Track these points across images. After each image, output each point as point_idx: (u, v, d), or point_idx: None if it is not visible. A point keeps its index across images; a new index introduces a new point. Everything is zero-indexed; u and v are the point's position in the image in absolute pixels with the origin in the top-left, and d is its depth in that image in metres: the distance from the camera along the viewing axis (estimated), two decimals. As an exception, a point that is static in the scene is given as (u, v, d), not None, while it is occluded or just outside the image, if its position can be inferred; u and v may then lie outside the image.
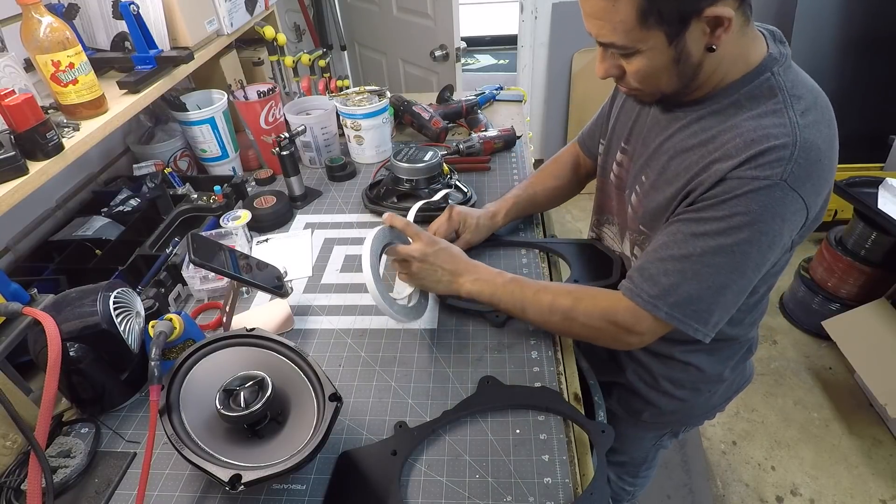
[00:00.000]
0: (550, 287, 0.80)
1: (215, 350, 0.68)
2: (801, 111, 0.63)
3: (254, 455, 0.61)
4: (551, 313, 0.77)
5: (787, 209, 0.62)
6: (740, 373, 0.96)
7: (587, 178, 1.07)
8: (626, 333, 0.73)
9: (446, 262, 0.82)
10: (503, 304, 0.81)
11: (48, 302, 0.72)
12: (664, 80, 0.65)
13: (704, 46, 0.61)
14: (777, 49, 0.67)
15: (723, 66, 0.65)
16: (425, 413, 0.74)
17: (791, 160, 0.61)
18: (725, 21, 0.58)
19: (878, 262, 1.87)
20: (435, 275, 0.82)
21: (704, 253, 0.65)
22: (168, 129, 1.33)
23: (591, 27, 0.64)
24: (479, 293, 0.81)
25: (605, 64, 0.68)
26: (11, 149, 0.72)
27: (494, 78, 3.98)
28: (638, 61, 0.64)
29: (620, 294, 0.73)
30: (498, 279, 0.81)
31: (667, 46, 0.61)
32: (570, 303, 0.76)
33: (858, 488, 1.63)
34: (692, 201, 0.67)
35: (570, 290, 0.79)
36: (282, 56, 1.43)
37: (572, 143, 1.07)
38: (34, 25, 0.79)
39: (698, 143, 0.68)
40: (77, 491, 0.67)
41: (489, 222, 1.00)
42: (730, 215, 0.63)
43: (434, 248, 0.83)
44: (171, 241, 1.06)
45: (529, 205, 1.05)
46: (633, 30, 0.59)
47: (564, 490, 0.64)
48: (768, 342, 2.12)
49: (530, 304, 0.78)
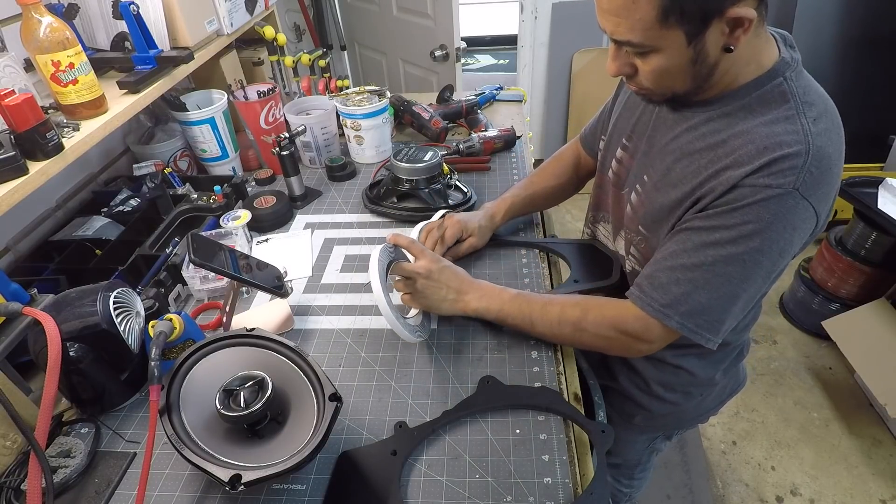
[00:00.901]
0: (557, 299, 0.79)
1: (215, 350, 0.68)
2: (813, 118, 0.62)
3: (254, 455, 0.61)
4: (561, 325, 0.76)
5: (798, 217, 0.62)
6: (733, 376, 0.96)
7: (587, 176, 1.06)
8: (636, 342, 0.72)
9: (451, 280, 0.82)
10: (511, 320, 0.80)
11: (48, 302, 0.72)
12: (679, 80, 0.64)
13: (722, 47, 0.60)
14: (789, 54, 0.66)
15: (735, 66, 0.64)
16: (425, 413, 0.74)
17: (804, 169, 0.60)
18: (746, 22, 0.56)
19: (878, 262, 1.87)
20: (440, 293, 0.81)
21: (716, 262, 0.64)
22: (168, 129, 1.33)
23: (606, 24, 0.62)
24: (485, 310, 0.80)
25: (617, 62, 0.67)
26: (11, 149, 0.72)
27: (494, 78, 3.98)
28: (654, 60, 0.62)
29: (628, 302, 0.73)
30: (504, 295, 0.81)
31: (685, 46, 0.59)
32: (578, 314, 0.75)
33: (858, 488, 1.63)
34: (702, 208, 0.66)
35: (577, 300, 0.78)
36: (282, 56, 1.43)
37: (574, 141, 1.07)
38: (34, 25, 0.79)
39: (706, 146, 0.67)
40: (77, 491, 0.67)
41: (489, 223, 1.00)
42: (741, 223, 0.62)
43: (439, 265, 0.82)
44: (171, 241, 1.06)
45: (528, 204, 1.04)
46: (653, 28, 0.58)
47: (564, 490, 0.64)
48: (768, 342, 2.12)
49: (539, 318, 0.78)
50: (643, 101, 0.78)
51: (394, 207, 1.13)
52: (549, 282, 0.97)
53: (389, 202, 1.14)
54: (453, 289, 0.81)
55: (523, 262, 1.00)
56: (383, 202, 1.15)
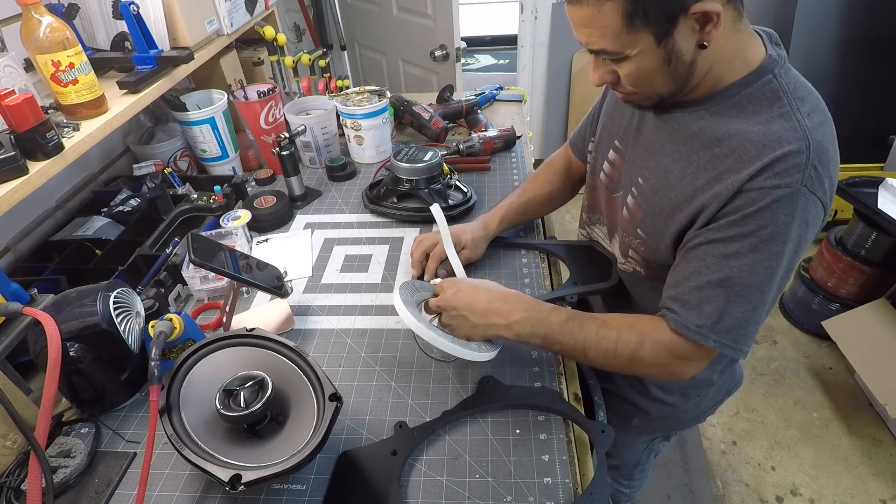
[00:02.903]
0: (611, 322, 0.72)
1: (215, 350, 0.68)
2: (807, 113, 0.63)
3: (254, 455, 0.61)
4: (617, 355, 0.70)
5: (810, 213, 0.62)
6: (729, 377, 0.96)
7: (580, 181, 1.05)
8: (683, 364, 0.70)
9: (474, 304, 0.73)
10: (557, 346, 0.72)
11: (48, 302, 0.72)
12: (658, 81, 0.65)
13: (696, 44, 0.60)
14: (775, 51, 0.66)
15: (719, 64, 0.64)
16: (425, 413, 0.74)
17: (808, 165, 0.60)
18: (714, 16, 0.57)
19: (878, 262, 1.87)
20: (466, 322, 0.73)
21: (742, 273, 0.63)
22: (168, 129, 1.33)
23: (580, 35, 0.63)
24: (529, 335, 0.71)
25: (598, 71, 0.68)
26: (11, 149, 0.72)
27: (494, 78, 3.98)
28: (629, 65, 0.63)
29: (665, 324, 0.70)
30: (552, 318, 0.71)
31: (656, 47, 0.60)
32: (636, 340, 0.69)
33: (858, 488, 1.63)
34: (710, 218, 0.65)
35: (631, 323, 0.71)
36: (282, 56, 1.43)
37: (564, 147, 1.06)
38: (34, 25, 0.79)
39: (701, 144, 0.67)
40: (77, 491, 0.67)
41: (483, 234, 0.98)
42: (758, 229, 0.62)
43: (453, 289, 0.75)
44: (171, 241, 1.06)
45: (523, 213, 1.02)
46: (621, 34, 0.59)
47: (564, 490, 0.64)
48: (768, 342, 2.12)
49: (593, 345, 0.70)
50: (632, 107, 0.77)
51: (394, 207, 1.13)
52: (549, 282, 0.97)
53: (389, 202, 1.14)
54: (478, 313, 0.72)
55: (523, 262, 1.00)
56: (383, 202, 1.15)
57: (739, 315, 0.65)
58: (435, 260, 0.94)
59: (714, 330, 0.66)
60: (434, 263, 0.94)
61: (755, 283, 0.64)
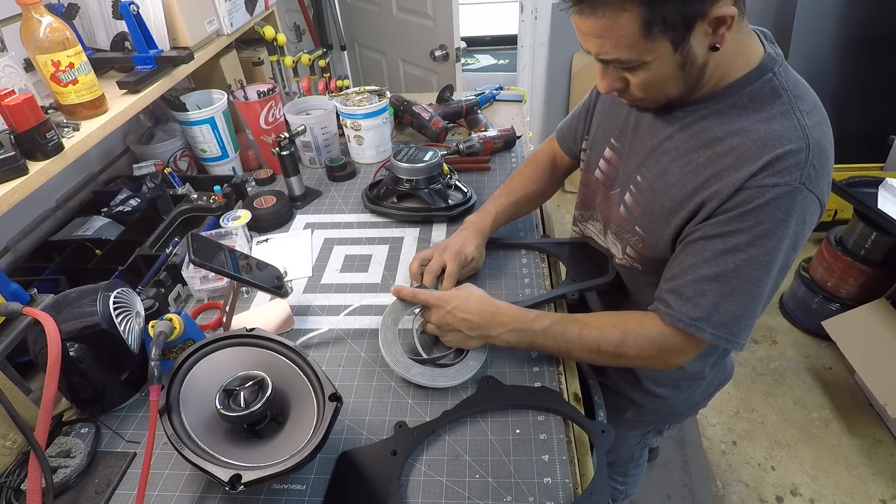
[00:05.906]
0: (593, 323, 0.75)
1: (215, 350, 0.68)
2: (806, 112, 0.63)
3: (254, 455, 0.61)
4: (601, 354, 0.74)
5: (808, 210, 0.63)
6: (720, 369, 0.97)
7: (564, 176, 1.05)
8: (674, 355, 0.72)
9: (469, 319, 0.77)
10: (545, 350, 0.78)
11: (48, 302, 0.72)
12: (671, 86, 0.65)
13: (708, 47, 0.60)
14: (773, 49, 0.67)
15: (724, 63, 0.64)
16: (425, 413, 0.74)
17: (807, 163, 0.61)
18: (729, 19, 0.57)
19: (878, 262, 1.87)
20: (461, 335, 0.78)
21: (738, 268, 0.64)
22: (168, 129, 1.33)
23: (590, 46, 0.62)
24: (517, 343, 0.77)
25: (607, 80, 0.67)
26: (11, 149, 0.72)
27: (494, 78, 3.98)
28: (644, 72, 0.62)
29: (657, 318, 0.71)
30: (536, 325, 0.76)
31: (672, 54, 0.60)
32: (618, 337, 0.73)
33: (858, 488, 1.63)
34: (710, 214, 0.66)
35: (614, 322, 0.75)
36: (282, 56, 1.43)
37: (549, 141, 1.05)
38: (34, 25, 0.79)
39: (702, 143, 0.68)
40: (77, 491, 0.67)
41: (482, 240, 0.97)
42: (755, 225, 0.63)
43: (449, 306, 0.78)
44: (171, 241, 1.06)
45: (513, 212, 1.02)
46: (638, 43, 0.58)
47: (564, 490, 0.64)
48: (768, 342, 2.12)
49: (576, 346, 0.75)
50: (637, 111, 0.77)
51: (394, 207, 1.13)
52: (549, 281, 0.97)
53: (389, 202, 1.14)
54: (474, 326, 0.77)
55: (523, 262, 1.00)
56: (383, 202, 1.15)
57: (735, 308, 0.66)
58: (430, 275, 0.91)
59: (710, 322, 0.67)
60: (430, 278, 0.90)
61: (751, 277, 0.65)
